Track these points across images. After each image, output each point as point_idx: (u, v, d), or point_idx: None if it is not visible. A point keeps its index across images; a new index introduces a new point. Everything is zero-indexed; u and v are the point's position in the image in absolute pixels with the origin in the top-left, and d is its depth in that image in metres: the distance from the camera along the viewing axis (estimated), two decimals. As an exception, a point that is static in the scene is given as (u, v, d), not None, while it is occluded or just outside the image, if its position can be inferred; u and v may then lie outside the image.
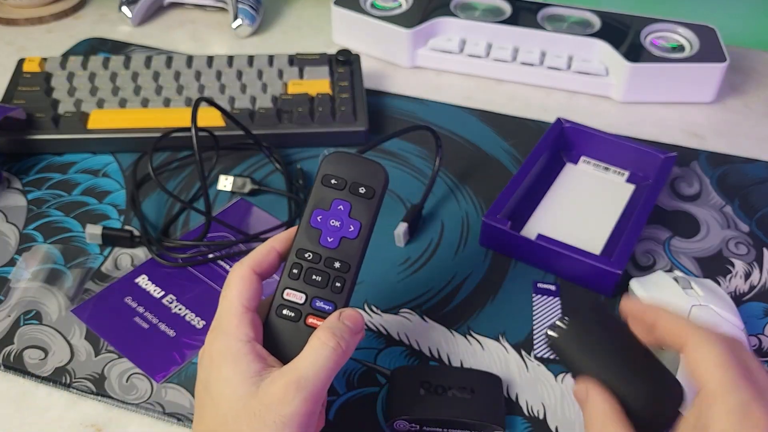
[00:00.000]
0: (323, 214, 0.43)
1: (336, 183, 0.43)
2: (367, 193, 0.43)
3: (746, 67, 0.83)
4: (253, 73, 0.74)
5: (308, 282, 0.42)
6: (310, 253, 0.42)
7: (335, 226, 0.43)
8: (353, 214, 0.43)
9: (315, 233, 0.43)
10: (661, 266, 0.59)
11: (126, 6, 0.88)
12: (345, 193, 0.43)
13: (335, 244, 0.42)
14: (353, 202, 0.43)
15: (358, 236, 0.43)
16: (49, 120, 0.67)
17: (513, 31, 0.79)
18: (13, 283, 0.56)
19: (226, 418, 0.38)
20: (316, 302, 0.42)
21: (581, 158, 0.68)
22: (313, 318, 0.42)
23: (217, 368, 0.40)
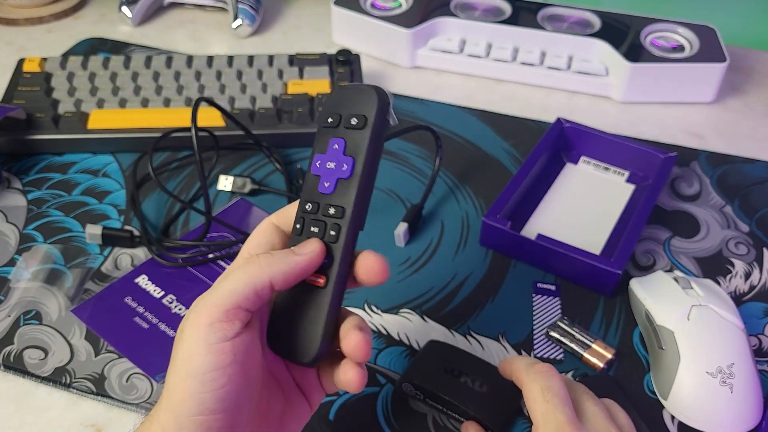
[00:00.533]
0: (321, 158, 0.38)
1: (331, 121, 0.39)
2: (359, 123, 0.38)
3: (746, 67, 0.83)
4: (253, 73, 0.74)
5: (308, 235, 0.38)
6: (309, 203, 0.38)
7: (331, 168, 0.38)
8: (348, 151, 0.38)
9: (314, 180, 0.39)
10: (661, 266, 0.59)
11: (126, 6, 0.88)
12: (340, 129, 0.38)
13: (331, 189, 0.38)
14: (347, 137, 0.38)
15: (351, 174, 0.37)
16: (49, 120, 0.67)
17: (513, 31, 0.79)
18: (13, 283, 0.56)
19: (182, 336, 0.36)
20: None
21: (581, 158, 0.68)
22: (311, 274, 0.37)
23: (228, 272, 0.37)
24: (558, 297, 0.56)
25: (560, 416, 0.38)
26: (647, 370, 0.51)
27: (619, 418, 0.42)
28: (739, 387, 0.47)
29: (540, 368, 0.41)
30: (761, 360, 0.52)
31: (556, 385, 0.40)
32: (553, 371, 0.41)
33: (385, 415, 0.48)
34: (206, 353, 0.34)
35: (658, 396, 0.49)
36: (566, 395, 0.40)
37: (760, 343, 0.53)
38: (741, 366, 0.47)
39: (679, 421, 0.48)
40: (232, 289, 0.35)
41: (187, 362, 0.35)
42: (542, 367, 0.42)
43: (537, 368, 0.41)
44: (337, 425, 0.48)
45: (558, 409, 0.39)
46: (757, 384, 0.48)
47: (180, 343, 0.35)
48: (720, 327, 0.49)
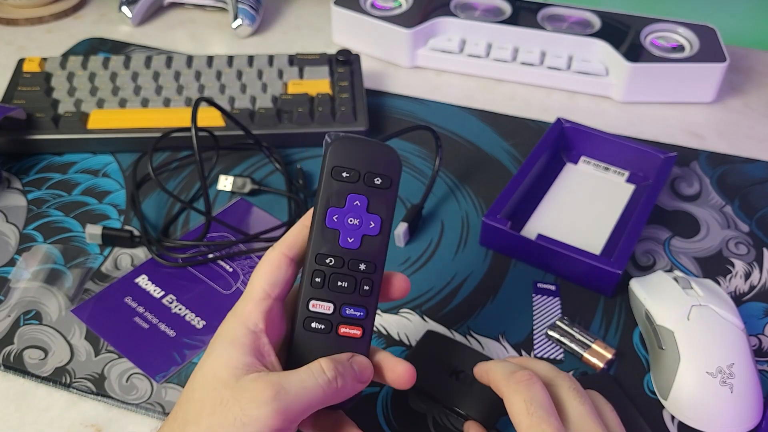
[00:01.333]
0: (339, 213, 0.39)
1: (348, 176, 0.39)
2: (384, 183, 0.39)
3: (746, 67, 0.83)
4: (253, 73, 0.74)
5: (334, 289, 0.39)
6: (331, 258, 0.39)
7: (354, 224, 0.39)
8: (371, 209, 0.39)
9: (333, 234, 0.39)
10: (661, 266, 0.59)
11: (126, 6, 0.88)
12: (360, 185, 0.39)
13: (357, 244, 0.39)
14: (370, 195, 0.39)
15: (380, 232, 0.39)
16: (49, 120, 0.67)
17: (513, 31, 0.79)
18: (13, 283, 0.56)
19: (193, 396, 0.37)
20: (346, 310, 0.39)
21: (581, 158, 0.68)
22: (346, 327, 0.39)
23: (212, 346, 0.38)
24: (558, 297, 0.56)
25: (546, 428, 0.38)
26: (647, 370, 0.51)
27: (605, 414, 0.41)
28: (739, 387, 0.47)
29: (520, 377, 0.40)
30: (761, 360, 0.52)
31: (539, 395, 0.39)
32: (533, 379, 0.40)
33: (385, 415, 0.48)
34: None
35: (658, 396, 0.49)
36: (550, 404, 0.39)
37: (760, 343, 0.53)
38: (741, 366, 0.47)
39: (679, 421, 0.48)
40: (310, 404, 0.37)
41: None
42: (522, 376, 0.40)
43: (517, 378, 0.40)
44: (337, 425, 0.48)
45: (543, 421, 0.38)
46: (757, 384, 0.48)
47: (236, 424, 0.35)
48: (720, 327, 0.49)
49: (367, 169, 0.39)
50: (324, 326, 0.39)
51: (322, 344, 0.39)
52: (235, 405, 0.35)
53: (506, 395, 0.40)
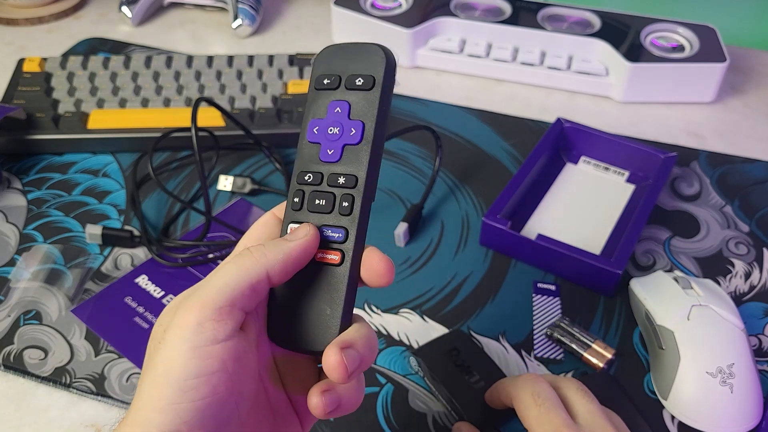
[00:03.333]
0: (320, 124, 0.35)
1: (329, 82, 0.35)
2: (365, 83, 0.35)
3: (746, 67, 0.83)
4: (253, 73, 0.74)
5: (312, 209, 0.34)
6: (310, 174, 0.35)
7: (335, 133, 0.35)
8: (353, 115, 0.35)
9: (314, 149, 0.35)
10: (661, 266, 0.59)
11: (126, 6, 0.88)
12: (341, 91, 0.35)
13: (337, 156, 0.34)
14: (351, 100, 0.35)
15: (362, 140, 0.34)
16: (49, 120, 0.67)
17: (513, 31, 0.79)
18: (13, 283, 0.56)
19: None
20: (324, 231, 0.34)
21: (581, 158, 0.68)
22: (323, 252, 0.34)
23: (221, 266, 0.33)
24: (558, 297, 0.56)
25: (555, 418, 0.38)
26: (647, 370, 0.51)
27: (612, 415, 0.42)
28: (739, 387, 0.47)
29: (527, 377, 0.42)
30: (761, 360, 0.52)
31: (545, 389, 0.40)
32: (539, 377, 0.41)
33: (385, 415, 0.48)
34: (191, 357, 0.29)
35: (658, 396, 0.49)
36: (557, 398, 0.40)
37: (760, 343, 0.53)
38: (741, 366, 0.47)
39: (679, 421, 0.48)
40: (225, 284, 0.31)
41: (166, 366, 0.29)
42: (528, 375, 0.42)
43: (523, 377, 0.42)
44: (337, 425, 0.48)
45: (551, 411, 0.39)
46: (757, 384, 0.48)
47: (159, 345, 0.30)
48: (720, 327, 0.49)
49: (349, 71, 0.35)
50: None
51: (300, 275, 0.34)
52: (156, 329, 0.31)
53: (515, 395, 0.41)
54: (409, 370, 0.51)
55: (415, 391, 0.50)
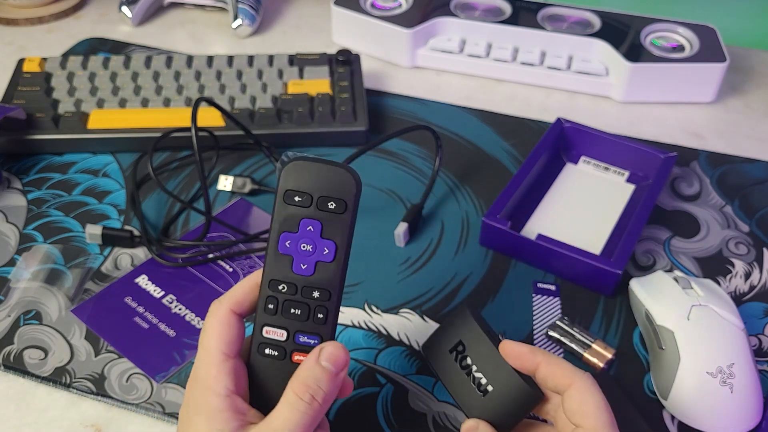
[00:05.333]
0: (291, 238, 0.38)
1: (300, 200, 0.38)
2: (338, 207, 0.38)
3: (746, 67, 0.83)
4: (253, 73, 0.74)
5: (287, 317, 0.39)
6: (284, 284, 0.39)
7: (307, 250, 0.38)
8: (326, 234, 0.38)
9: (286, 260, 0.38)
10: (661, 266, 0.59)
11: (126, 6, 0.88)
12: (312, 210, 0.38)
13: (311, 271, 0.38)
14: (323, 220, 0.38)
15: (334, 258, 0.38)
16: (49, 120, 0.67)
17: (513, 31, 0.79)
18: (13, 283, 0.56)
19: None
20: (300, 338, 0.39)
21: (581, 158, 0.68)
22: (299, 354, 0.39)
23: (193, 425, 0.37)
24: (558, 297, 0.56)
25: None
26: (647, 370, 0.51)
27: None
28: (739, 387, 0.47)
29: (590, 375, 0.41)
30: (761, 360, 0.52)
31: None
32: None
33: (385, 415, 0.48)
34: None
35: (658, 396, 0.49)
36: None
37: (760, 343, 0.53)
38: (741, 366, 0.47)
39: (679, 421, 0.48)
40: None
41: None
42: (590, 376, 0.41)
43: (588, 374, 0.40)
44: (337, 425, 0.48)
45: (613, 423, 0.39)
46: (757, 384, 0.48)
47: None
48: (720, 327, 0.49)
49: (321, 192, 0.38)
50: (278, 353, 0.39)
51: (277, 371, 0.39)
52: None
53: (576, 386, 0.40)
54: (409, 370, 0.51)
55: (415, 391, 0.50)
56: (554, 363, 0.40)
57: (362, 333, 0.53)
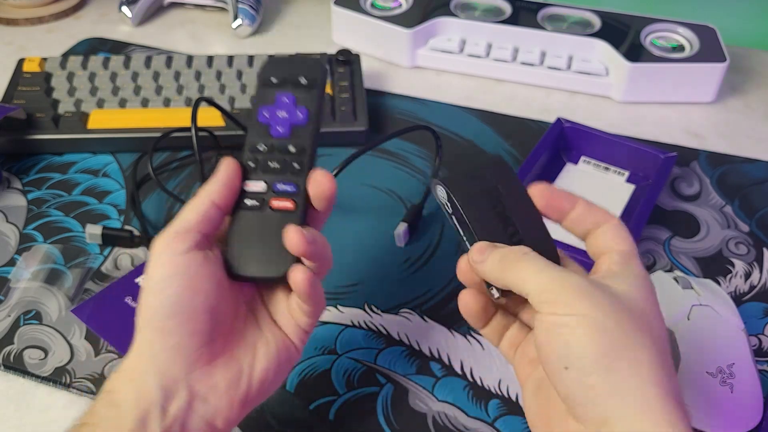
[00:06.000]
0: (269, 109, 0.43)
1: (276, 81, 0.44)
2: (309, 83, 0.44)
3: (746, 67, 0.83)
4: (253, 73, 0.74)
5: (265, 171, 0.42)
6: (262, 144, 0.43)
7: (283, 116, 0.43)
8: (299, 102, 0.44)
9: (264, 128, 0.43)
10: (661, 266, 0.59)
11: (126, 6, 0.88)
12: (286, 86, 0.44)
13: (287, 133, 0.43)
14: (296, 92, 0.44)
15: (308, 121, 0.43)
16: (49, 120, 0.67)
17: (513, 31, 0.79)
18: (13, 283, 0.56)
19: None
20: (277, 186, 0.42)
21: (581, 158, 0.68)
22: (277, 200, 0.41)
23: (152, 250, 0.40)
24: (558, 297, 0.56)
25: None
26: (647, 370, 0.51)
27: None
28: (739, 387, 0.47)
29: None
30: (761, 360, 0.52)
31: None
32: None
33: (385, 415, 0.48)
34: (157, 267, 0.38)
35: (658, 396, 0.49)
36: None
37: (760, 343, 0.53)
38: (741, 366, 0.47)
39: (679, 421, 0.48)
40: (181, 218, 0.39)
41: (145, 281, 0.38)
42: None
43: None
44: (337, 425, 0.48)
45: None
46: (757, 384, 0.48)
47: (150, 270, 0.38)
48: (720, 327, 0.49)
49: (293, 72, 0.44)
50: (257, 202, 0.41)
51: (257, 221, 0.41)
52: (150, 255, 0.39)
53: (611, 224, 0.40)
54: (409, 370, 0.51)
55: (415, 391, 0.50)
56: (593, 204, 0.41)
57: (362, 333, 0.53)
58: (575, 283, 0.35)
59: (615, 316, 0.34)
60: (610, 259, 0.39)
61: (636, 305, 0.36)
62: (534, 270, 0.36)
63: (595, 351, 0.33)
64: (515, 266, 0.37)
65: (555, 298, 0.35)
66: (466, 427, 0.48)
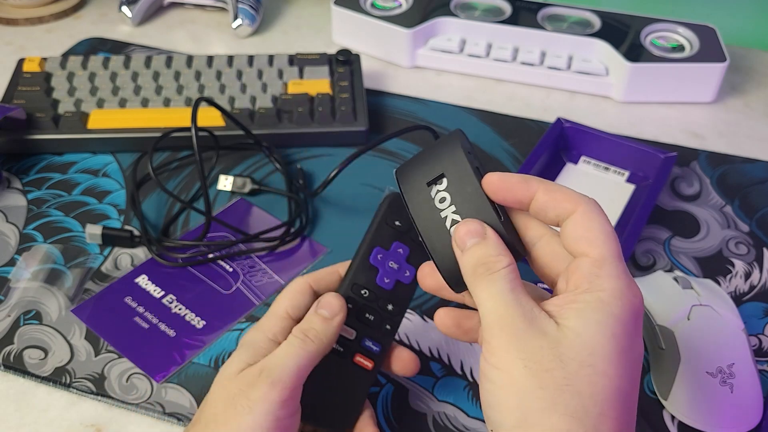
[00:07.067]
0: (383, 254, 0.43)
1: (399, 225, 0.43)
2: None
3: (746, 67, 0.83)
4: (253, 73, 0.74)
5: (361, 320, 0.42)
6: (366, 290, 0.43)
7: (393, 268, 0.43)
8: (411, 260, 0.43)
9: (372, 271, 0.43)
10: (661, 266, 0.59)
11: (126, 6, 0.88)
12: (406, 237, 0.43)
13: (391, 286, 0.43)
14: (412, 248, 0.43)
15: (411, 282, 0.43)
16: (49, 120, 0.67)
17: (513, 31, 0.79)
18: (13, 283, 0.56)
19: (210, 396, 0.40)
20: (366, 341, 0.42)
21: (581, 158, 0.68)
22: (361, 357, 0.43)
23: (234, 352, 0.41)
24: (558, 297, 0.56)
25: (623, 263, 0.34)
26: (647, 370, 0.51)
27: None
28: (739, 387, 0.47)
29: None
30: (761, 360, 0.52)
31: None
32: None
33: (385, 415, 0.48)
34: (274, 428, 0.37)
35: (658, 396, 0.49)
36: None
37: (760, 343, 0.53)
38: (741, 366, 0.47)
39: (679, 421, 0.48)
40: (297, 367, 0.39)
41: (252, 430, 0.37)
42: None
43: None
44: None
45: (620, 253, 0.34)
46: (757, 384, 0.48)
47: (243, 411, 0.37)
48: (720, 327, 0.49)
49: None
50: (342, 349, 0.42)
51: (335, 365, 0.42)
52: (239, 395, 0.38)
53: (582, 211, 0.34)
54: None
55: (415, 391, 0.50)
56: (554, 188, 0.35)
57: (362, 333, 0.53)
58: (512, 323, 0.32)
59: (538, 375, 0.30)
60: (577, 274, 0.33)
61: (576, 353, 0.31)
62: (489, 294, 0.33)
63: (511, 421, 0.30)
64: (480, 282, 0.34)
65: (491, 337, 0.32)
66: (466, 427, 0.48)
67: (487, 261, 0.34)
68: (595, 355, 0.31)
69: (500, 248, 0.34)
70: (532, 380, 0.30)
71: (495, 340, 0.32)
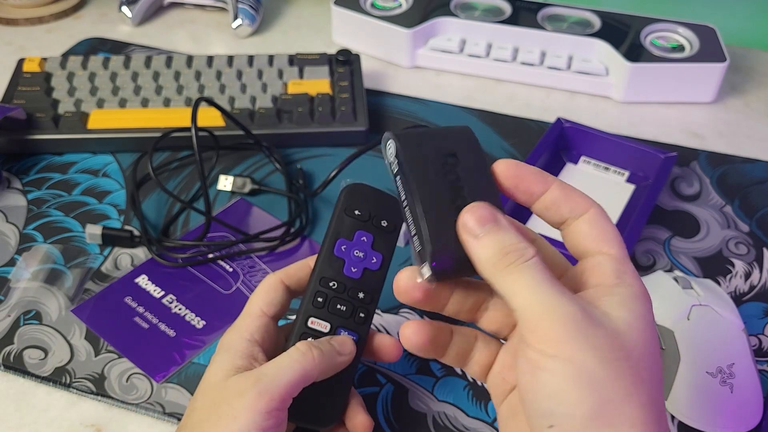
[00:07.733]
0: (347, 244, 0.43)
1: (359, 214, 0.44)
2: (389, 227, 0.44)
3: (746, 67, 0.83)
4: (253, 73, 0.74)
5: (333, 312, 0.43)
6: (334, 282, 0.43)
7: (359, 256, 0.43)
8: (376, 246, 0.44)
9: (338, 263, 0.43)
10: (661, 266, 0.59)
11: (126, 6, 0.88)
12: (368, 225, 0.44)
13: (358, 275, 0.43)
14: (376, 234, 0.44)
15: (380, 268, 0.43)
16: (49, 120, 0.67)
17: (513, 31, 0.79)
18: (13, 283, 0.56)
19: (195, 403, 0.40)
20: (341, 332, 0.43)
21: (581, 158, 0.68)
22: None
23: (213, 357, 0.41)
24: (558, 297, 0.56)
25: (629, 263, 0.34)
26: (647, 370, 0.51)
27: None
28: (739, 387, 0.47)
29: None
30: (761, 360, 0.52)
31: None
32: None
33: (385, 415, 0.48)
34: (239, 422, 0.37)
35: (658, 396, 0.49)
36: None
37: (760, 343, 0.53)
38: (741, 366, 0.47)
39: (679, 421, 0.48)
40: (290, 381, 0.38)
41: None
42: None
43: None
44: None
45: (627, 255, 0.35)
46: (757, 384, 0.48)
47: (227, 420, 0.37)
48: (720, 327, 0.49)
49: (377, 212, 0.44)
50: None
51: None
52: (223, 402, 0.38)
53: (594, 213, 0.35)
54: (409, 370, 0.51)
55: (415, 391, 0.50)
56: (569, 186, 0.35)
57: (362, 333, 0.53)
58: (568, 314, 0.30)
59: (611, 364, 0.29)
60: (600, 270, 0.33)
61: (635, 343, 0.30)
62: (527, 284, 0.31)
63: (584, 412, 0.29)
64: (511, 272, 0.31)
65: (542, 329, 0.30)
66: (466, 427, 0.48)
67: (515, 249, 0.32)
68: (648, 344, 0.31)
69: (520, 235, 0.33)
70: (607, 370, 0.29)
71: (548, 332, 0.30)
